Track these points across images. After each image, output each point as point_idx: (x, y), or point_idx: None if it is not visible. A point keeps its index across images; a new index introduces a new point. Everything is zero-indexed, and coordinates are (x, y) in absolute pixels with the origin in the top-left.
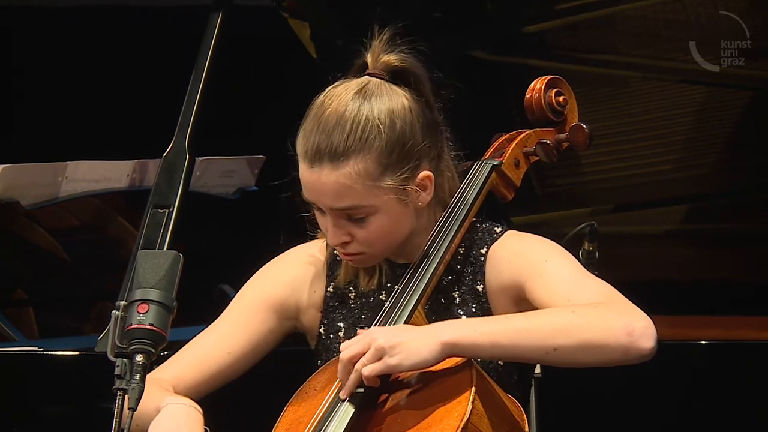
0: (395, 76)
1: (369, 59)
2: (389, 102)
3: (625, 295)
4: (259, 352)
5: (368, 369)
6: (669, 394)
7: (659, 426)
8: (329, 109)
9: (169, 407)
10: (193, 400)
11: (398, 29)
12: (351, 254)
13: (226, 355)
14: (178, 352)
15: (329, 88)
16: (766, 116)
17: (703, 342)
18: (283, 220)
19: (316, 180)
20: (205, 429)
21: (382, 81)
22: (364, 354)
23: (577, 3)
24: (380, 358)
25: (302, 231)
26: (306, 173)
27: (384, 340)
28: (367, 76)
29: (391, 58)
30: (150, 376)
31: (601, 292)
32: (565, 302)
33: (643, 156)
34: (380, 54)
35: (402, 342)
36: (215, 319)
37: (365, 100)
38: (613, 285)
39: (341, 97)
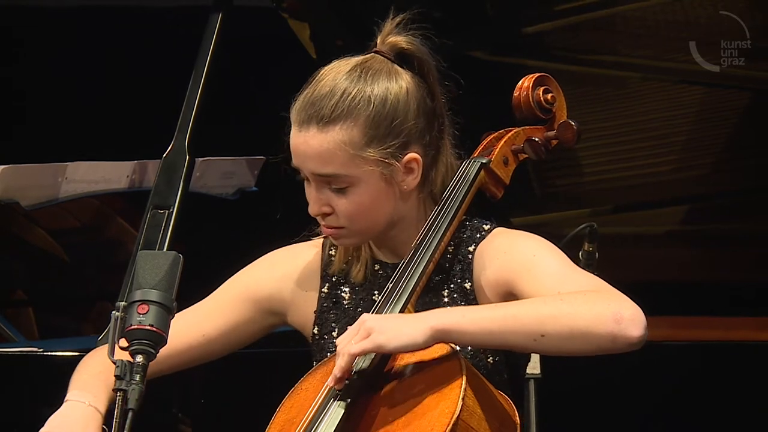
0: (401, 58)
1: (378, 39)
2: (386, 79)
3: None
4: (236, 341)
5: (356, 346)
6: (669, 394)
7: (659, 426)
8: (326, 78)
9: (70, 403)
10: (159, 372)
11: (414, 15)
12: (331, 228)
13: (200, 337)
14: None
15: (335, 61)
16: (766, 116)
17: (703, 342)
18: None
19: (302, 143)
20: (103, 429)
21: (386, 59)
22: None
23: (577, 4)
24: (368, 337)
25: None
26: (294, 136)
27: (373, 322)
28: (372, 53)
29: (399, 40)
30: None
31: (589, 283)
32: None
33: (643, 156)
34: (389, 34)
35: (391, 322)
36: None
37: (363, 72)
38: (612, 285)
39: (340, 68)
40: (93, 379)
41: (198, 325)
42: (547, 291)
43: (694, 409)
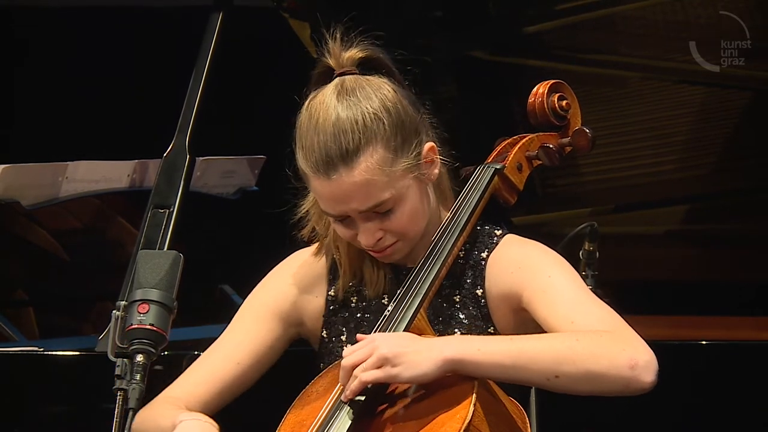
0: (364, 67)
1: (332, 62)
2: (374, 91)
3: (625, 296)
4: (267, 361)
5: (368, 375)
6: (669, 394)
7: (659, 426)
8: (321, 120)
9: (185, 423)
10: (209, 413)
11: (346, 23)
12: (385, 247)
13: (236, 366)
14: (189, 369)
15: (307, 102)
16: (766, 116)
17: (703, 342)
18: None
19: (337, 188)
20: None
21: (355, 76)
22: (366, 360)
23: (577, 3)
24: (381, 367)
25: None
26: (325, 186)
27: (387, 349)
28: (338, 77)
29: (353, 53)
30: (163, 395)
31: (604, 318)
32: (567, 324)
33: (643, 156)
34: (341, 53)
35: (405, 353)
36: (215, 320)
37: (351, 97)
38: (613, 285)
39: (326, 104)
40: (181, 408)
41: (232, 356)
42: (561, 318)
43: (694, 409)
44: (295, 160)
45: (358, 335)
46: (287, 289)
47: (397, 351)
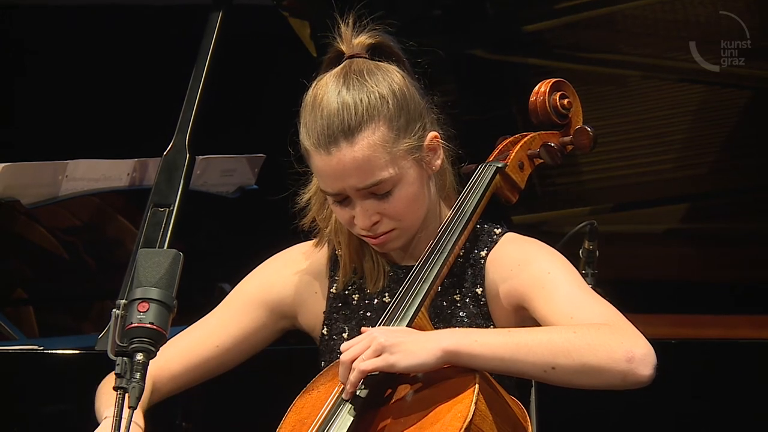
0: (374, 52)
1: (343, 47)
2: (382, 74)
3: (624, 294)
4: (250, 348)
5: (366, 364)
6: (669, 393)
7: (659, 426)
8: (325, 97)
9: (109, 420)
10: (177, 389)
11: (360, 10)
12: (381, 234)
13: (214, 348)
14: (167, 342)
15: (315, 82)
16: (766, 116)
17: (703, 342)
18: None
19: (338, 163)
20: None
21: (365, 59)
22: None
23: (578, 2)
24: (379, 355)
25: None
26: (324, 161)
27: (385, 338)
28: (348, 60)
29: (364, 38)
30: None
31: (603, 313)
32: (567, 320)
33: (643, 155)
34: (352, 38)
35: (403, 342)
36: None
37: (358, 78)
38: (613, 284)
39: (332, 83)
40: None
41: (211, 337)
42: (560, 313)
43: (694, 408)
44: (298, 144)
45: (362, 329)
46: (283, 280)
47: (395, 341)
